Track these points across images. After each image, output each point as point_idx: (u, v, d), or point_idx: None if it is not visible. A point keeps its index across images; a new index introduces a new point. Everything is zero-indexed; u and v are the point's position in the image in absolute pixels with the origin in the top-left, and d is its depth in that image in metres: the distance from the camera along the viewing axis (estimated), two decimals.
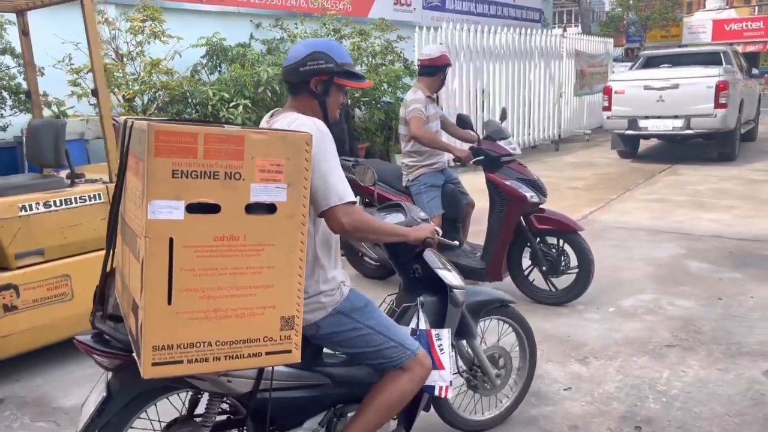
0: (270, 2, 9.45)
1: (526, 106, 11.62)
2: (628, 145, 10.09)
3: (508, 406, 2.77)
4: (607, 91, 9.74)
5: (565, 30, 14.72)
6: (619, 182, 8.38)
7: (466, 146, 4.34)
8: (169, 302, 1.52)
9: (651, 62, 10.46)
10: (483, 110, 10.46)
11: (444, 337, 2.24)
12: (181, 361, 1.56)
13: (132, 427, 1.88)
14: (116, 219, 1.81)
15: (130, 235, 1.67)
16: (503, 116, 4.46)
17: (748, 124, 10.77)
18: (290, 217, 1.64)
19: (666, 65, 9.82)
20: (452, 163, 4.78)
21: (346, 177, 1.96)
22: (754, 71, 11.25)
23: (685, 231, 5.84)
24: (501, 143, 4.07)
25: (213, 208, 1.55)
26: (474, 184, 5.05)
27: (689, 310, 3.97)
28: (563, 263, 4.09)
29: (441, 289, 2.32)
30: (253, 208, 1.59)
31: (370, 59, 9.00)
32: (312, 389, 2.06)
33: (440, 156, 4.32)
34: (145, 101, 6.69)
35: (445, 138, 4.46)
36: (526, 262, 4.23)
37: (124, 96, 6.36)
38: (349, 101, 9.16)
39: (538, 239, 4.11)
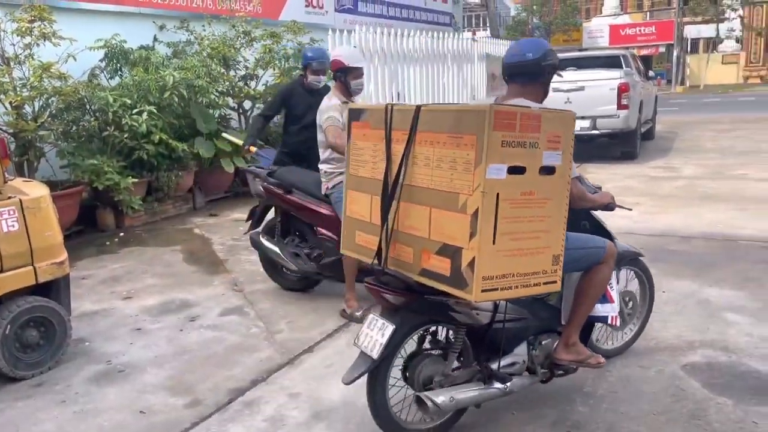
0: (175, 3, 8.99)
1: None
2: None
3: (628, 341, 3.38)
4: None
5: (474, 33, 15.01)
6: None
7: None
8: (494, 243, 2.05)
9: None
10: None
11: (612, 277, 2.82)
12: (497, 289, 2.11)
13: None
14: (395, 186, 2.30)
15: (426, 195, 2.21)
16: None
17: (646, 124, 11.38)
18: (562, 177, 2.19)
19: (571, 68, 10.18)
20: None
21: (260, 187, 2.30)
22: (651, 73, 11.92)
23: None
24: None
25: (520, 170, 2.08)
26: None
27: None
28: None
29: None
30: (541, 170, 2.13)
31: (283, 62, 8.75)
32: (519, 321, 2.66)
33: None
34: (36, 108, 6.15)
35: None
36: None
37: (11, 103, 5.81)
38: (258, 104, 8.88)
39: None
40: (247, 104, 8.78)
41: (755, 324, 3.67)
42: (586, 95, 9.34)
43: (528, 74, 2.57)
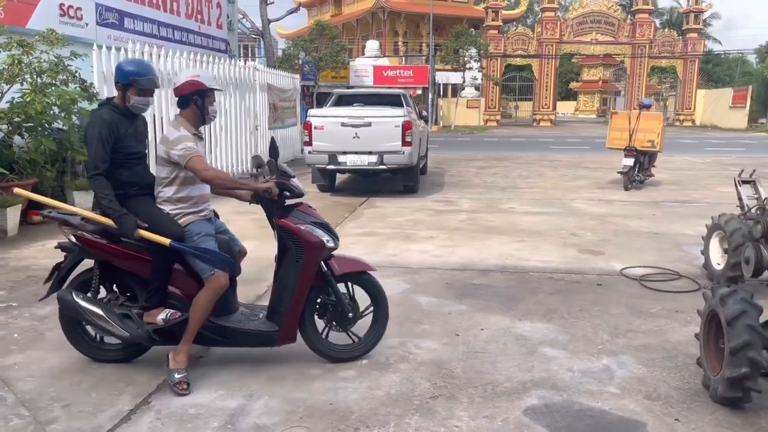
0: None
1: (223, 136, 11.04)
2: (327, 179, 10.33)
3: None
4: (307, 127, 9.82)
5: (245, 62, 14.59)
6: (326, 216, 8.28)
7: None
8: (659, 138, 11.28)
9: (342, 100, 10.96)
10: None
11: None
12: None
13: None
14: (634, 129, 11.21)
15: (645, 129, 11.10)
16: (275, 151, 3.73)
17: (421, 160, 12.06)
18: None
19: (358, 104, 10.36)
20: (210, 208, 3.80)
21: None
22: (423, 113, 12.73)
23: (402, 264, 5.99)
24: (294, 182, 3.56)
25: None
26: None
27: (435, 351, 3.92)
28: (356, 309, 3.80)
29: None
30: None
31: (35, 77, 7.36)
32: None
33: (207, 203, 3.61)
34: None
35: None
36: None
37: None
38: (9, 125, 7.34)
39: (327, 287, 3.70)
40: None
41: (571, 357, 3.83)
42: (373, 131, 9.53)
43: (648, 107, 11.89)
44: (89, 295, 3.52)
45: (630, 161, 10.96)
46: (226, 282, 3.40)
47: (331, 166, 9.79)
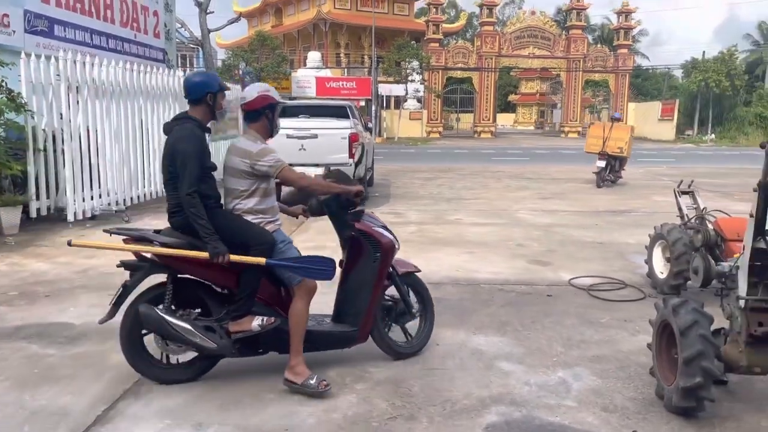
0: None
1: (157, 150, 10.67)
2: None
3: None
4: None
5: (184, 72, 14.22)
6: None
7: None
8: (626, 145, 13.81)
9: (287, 112, 10.77)
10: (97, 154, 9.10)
11: None
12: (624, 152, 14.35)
13: None
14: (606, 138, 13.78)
15: (615, 138, 13.57)
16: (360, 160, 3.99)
17: (368, 172, 12.02)
18: None
19: (303, 115, 10.23)
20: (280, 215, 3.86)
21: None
22: (369, 125, 12.71)
23: None
24: None
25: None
26: None
27: (392, 369, 3.83)
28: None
29: None
30: None
31: None
32: None
33: (278, 213, 3.77)
34: None
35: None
36: None
37: None
38: None
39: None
40: None
41: (527, 371, 3.81)
42: (320, 143, 9.42)
43: (619, 119, 15.23)
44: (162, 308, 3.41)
45: (602, 163, 13.38)
46: (315, 284, 3.50)
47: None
